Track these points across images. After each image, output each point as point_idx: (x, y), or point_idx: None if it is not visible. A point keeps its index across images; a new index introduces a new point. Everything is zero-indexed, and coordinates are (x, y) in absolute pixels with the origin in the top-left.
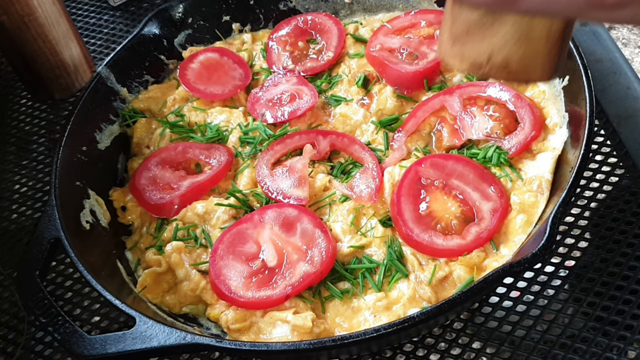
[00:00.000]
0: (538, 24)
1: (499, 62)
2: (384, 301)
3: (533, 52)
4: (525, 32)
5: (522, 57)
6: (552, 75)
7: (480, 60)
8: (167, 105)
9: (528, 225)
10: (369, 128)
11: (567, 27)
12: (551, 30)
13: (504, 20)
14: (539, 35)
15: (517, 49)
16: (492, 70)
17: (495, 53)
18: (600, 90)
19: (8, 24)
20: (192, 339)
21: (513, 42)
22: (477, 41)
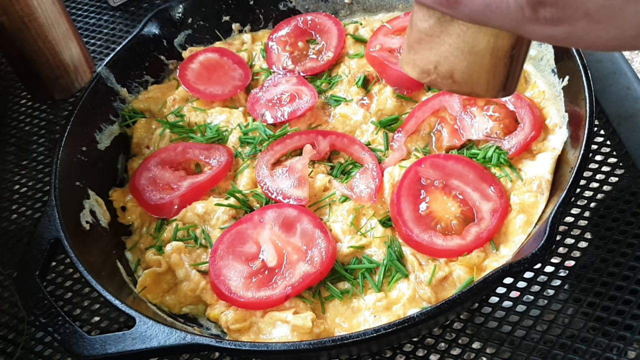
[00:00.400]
0: (483, 38)
1: (445, 71)
2: (383, 301)
3: (477, 66)
4: (469, 45)
5: (467, 69)
6: (498, 92)
7: (428, 68)
8: (167, 106)
9: (528, 225)
10: (369, 128)
11: (515, 46)
12: (496, 46)
13: (451, 31)
14: (483, 49)
15: (461, 60)
16: (438, 79)
17: (442, 62)
18: (600, 90)
19: (8, 24)
20: (192, 339)
21: (458, 53)
22: (427, 50)
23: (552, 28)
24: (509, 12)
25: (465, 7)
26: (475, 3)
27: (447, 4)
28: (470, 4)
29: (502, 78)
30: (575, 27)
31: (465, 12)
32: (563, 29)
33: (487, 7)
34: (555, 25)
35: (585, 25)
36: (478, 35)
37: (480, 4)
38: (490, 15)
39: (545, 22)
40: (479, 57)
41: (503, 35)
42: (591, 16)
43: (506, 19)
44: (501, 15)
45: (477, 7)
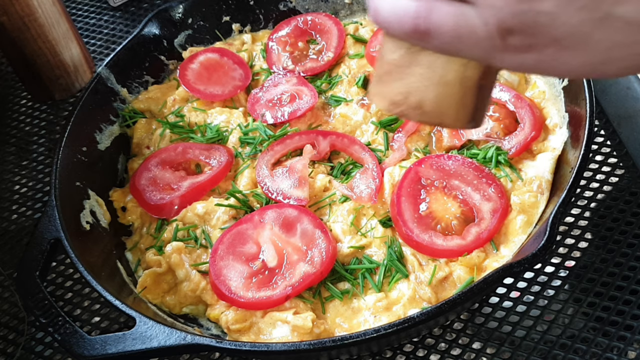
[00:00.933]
0: (452, 67)
1: (414, 102)
2: (384, 301)
3: (446, 96)
4: (439, 75)
5: (436, 99)
6: (467, 123)
7: (397, 99)
8: (167, 106)
9: (528, 225)
10: (369, 128)
11: (484, 77)
12: (465, 76)
13: (420, 61)
14: (452, 80)
15: (430, 90)
16: (408, 110)
17: (411, 93)
18: (600, 90)
19: (8, 24)
20: (192, 340)
21: (427, 84)
22: (396, 81)
23: (521, 55)
24: (479, 42)
25: (435, 38)
26: (446, 35)
27: (418, 36)
28: (441, 35)
29: (471, 108)
30: (544, 54)
31: (435, 44)
32: (532, 56)
33: (458, 38)
34: (525, 53)
35: (554, 52)
36: (447, 65)
37: (451, 35)
38: (461, 46)
39: (515, 49)
40: (448, 87)
41: (472, 65)
42: (560, 42)
43: (476, 49)
44: (472, 46)
45: (448, 39)
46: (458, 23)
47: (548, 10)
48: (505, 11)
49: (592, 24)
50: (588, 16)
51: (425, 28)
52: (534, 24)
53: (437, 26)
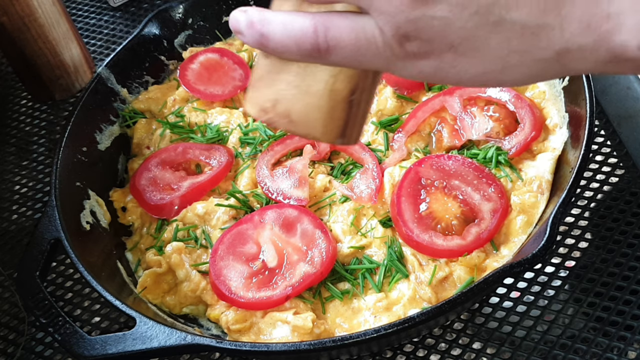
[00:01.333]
0: (320, 78)
1: (282, 110)
2: (384, 302)
3: (314, 107)
4: (306, 84)
5: (303, 109)
6: (336, 138)
7: (266, 106)
8: (167, 106)
9: (528, 225)
10: (369, 128)
11: (355, 92)
12: (334, 88)
13: (289, 69)
14: (320, 91)
15: (298, 100)
16: (276, 118)
17: (279, 101)
18: (600, 90)
19: (8, 24)
20: (193, 340)
21: (295, 92)
22: (266, 87)
23: (420, 62)
24: (379, 52)
25: (335, 54)
26: (346, 49)
27: (319, 55)
28: (341, 50)
29: (341, 123)
30: (442, 61)
31: (337, 60)
32: (431, 63)
33: (358, 51)
34: (424, 59)
35: (452, 59)
36: (315, 75)
37: (351, 49)
38: (362, 58)
39: (414, 56)
40: (316, 98)
41: (342, 79)
42: (456, 48)
43: (377, 59)
44: (372, 56)
45: (348, 53)
46: (357, 36)
47: (442, 15)
48: (399, 17)
49: (487, 29)
50: (483, 21)
51: (326, 46)
52: (429, 29)
53: (336, 42)
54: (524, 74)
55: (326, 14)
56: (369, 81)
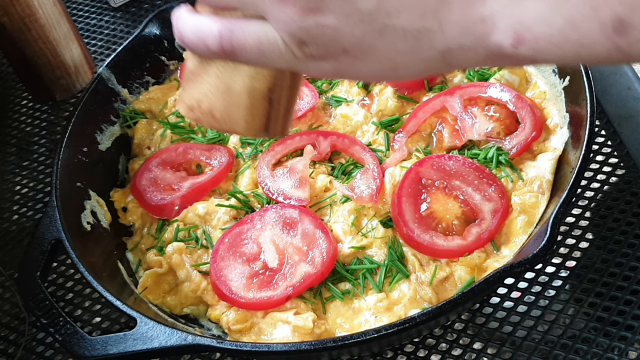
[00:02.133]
0: (238, 79)
1: (206, 109)
2: (384, 302)
3: (235, 106)
4: (226, 85)
5: (225, 108)
6: (259, 133)
7: (192, 105)
8: (168, 106)
9: (529, 225)
10: (370, 129)
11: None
12: (252, 87)
13: (210, 71)
14: (239, 90)
15: (219, 99)
16: (201, 116)
17: (203, 100)
18: (600, 90)
19: (9, 25)
20: (193, 340)
21: (217, 92)
22: (192, 87)
23: (321, 63)
24: (282, 54)
25: (242, 56)
26: (250, 51)
27: (225, 55)
28: (246, 52)
29: (263, 119)
30: (339, 62)
31: (244, 60)
32: (330, 64)
33: (262, 53)
34: (322, 61)
35: (347, 60)
36: (234, 77)
37: (255, 51)
38: (266, 59)
39: (314, 58)
40: (235, 97)
41: (259, 78)
42: (349, 52)
43: (281, 61)
44: (276, 58)
45: (253, 55)
46: (260, 40)
47: (331, 23)
48: (292, 26)
49: (374, 35)
50: (368, 28)
51: (230, 48)
52: (322, 35)
53: (240, 45)
54: (415, 71)
55: (234, 19)
56: (287, 80)
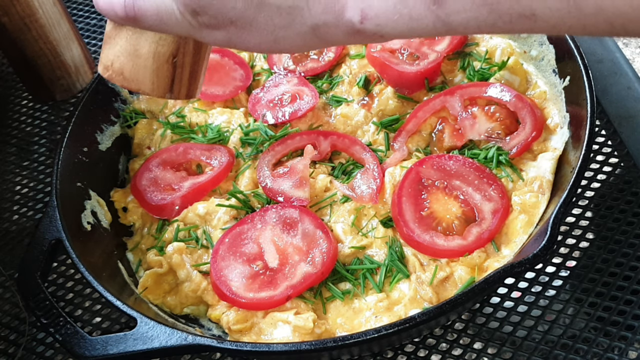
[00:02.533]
0: (144, 43)
1: (117, 68)
2: (385, 302)
3: (142, 67)
4: (134, 48)
5: (133, 68)
6: (164, 93)
7: (107, 64)
8: (168, 106)
9: (529, 225)
10: (370, 129)
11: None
12: (157, 51)
13: (121, 35)
14: (146, 53)
15: (128, 60)
16: (114, 75)
17: (115, 60)
18: (601, 90)
19: (9, 25)
20: (194, 340)
21: (126, 54)
22: (108, 49)
23: (214, 32)
24: (179, 22)
25: (143, 22)
26: (150, 18)
27: (129, 21)
28: (147, 19)
29: (167, 81)
30: (229, 32)
31: (146, 26)
32: (222, 34)
33: (161, 21)
34: (215, 30)
35: (236, 31)
36: (140, 41)
37: (154, 19)
38: (166, 26)
39: (207, 27)
40: (142, 60)
41: (163, 44)
42: (236, 24)
43: (179, 28)
44: (174, 26)
45: (153, 22)
46: (159, 8)
47: None
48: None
49: (253, 10)
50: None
51: (133, 15)
52: (210, 7)
53: (142, 13)
54: (293, 45)
55: None
56: (190, 47)
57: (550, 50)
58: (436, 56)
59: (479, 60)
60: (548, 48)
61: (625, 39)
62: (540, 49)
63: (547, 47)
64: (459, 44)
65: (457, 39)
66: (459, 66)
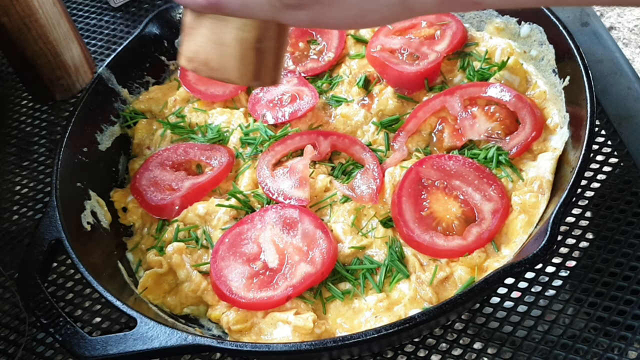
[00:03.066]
0: (229, 30)
1: (202, 59)
2: (385, 302)
3: (227, 55)
4: (218, 36)
5: (219, 57)
6: (251, 80)
7: (190, 56)
8: (168, 106)
9: (529, 225)
10: (370, 129)
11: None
12: (242, 37)
13: (204, 24)
14: (230, 41)
15: (213, 49)
16: (199, 66)
17: (199, 52)
18: (601, 90)
19: (9, 25)
20: (194, 340)
21: (210, 44)
22: (190, 41)
23: (298, 12)
24: (262, 5)
25: (226, 7)
26: (233, 4)
27: (212, 8)
28: (230, 4)
29: (253, 67)
30: (314, 11)
31: (230, 12)
32: (305, 13)
33: (244, 4)
34: (298, 10)
35: (320, 9)
36: (224, 29)
37: (238, 3)
38: (249, 11)
39: (291, 7)
40: (227, 47)
41: (247, 29)
42: (321, 1)
43: (262, 11)
44: (258, 9)
45: (237, 7)
46: None
47: None
48: None
49: None
50: None
51: (216, 1)
52: None
53: None
54: (379, 17)
55: None
56: (273, 31)
57: (550, 50)
58: (436, 56)
59: (478, 60)
60: (548, 48)
61: (625, 39)
62: (540, 48)
63: (547, 47)
64: (458, 43)
65: (457, 38)
66: (458, 66)
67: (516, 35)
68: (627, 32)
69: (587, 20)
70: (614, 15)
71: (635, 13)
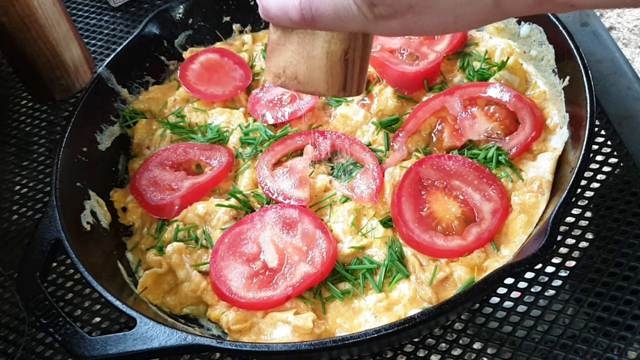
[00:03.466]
0: (317, 44)
1: (290, 74)
2: (384, 302)
3: (316, 68)
4: (307, 50)
5: (307, 71)
6: (339, 92)
7: (278, 72)
8: (168, 106)
9: (529, 225)
10: (370, 129)
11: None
12: (330, 50)
13: (292, 39)
14: (318, 54)
15: (302, 64)
16: (287, 81)
17: (287, 67)
18: (600, 90)
19: (8, 25)
20: (193, 340)
21: (299, 58)
22: (276, 57)
23: (389, 22)
24: (355, 17)
25: (320, 22)
26: (328, 17)
27: (305, 23)
28: (324, 19)
29: (341, 79)
30: (406, 19)
31: (322, 26)
32: (397, 22)
33: (338, 17)
34: (391, 20)
35: (413, 17)
36: (313, 42)
37: (332, 17)
38: (342, 23)
39: (383, 18)
40: (316, 61)
41: (335, 42)
42: (414, 8)
43: (354, 23)
44: (350, 22)
45: (330, 20)
46: (336, 5)
47: None
48: None
49: None
50: None
51: (310, 17)
52: None
53: (319, 13)
54: (472, 21)
55: None
56: (360, 42)
57: (550, 50)
58: (436, 56)
59: (478, 60)
60: (548, 48)
61: (625, 39)
62: (539, 49)
63: (547, 47)
64: (458, 43)
65: (456, 38)
66: (458, 66)
67: (516, 35)
68: (627, 32)
69: (586, 20)
70: (613, 15)
71: (635, 13)
